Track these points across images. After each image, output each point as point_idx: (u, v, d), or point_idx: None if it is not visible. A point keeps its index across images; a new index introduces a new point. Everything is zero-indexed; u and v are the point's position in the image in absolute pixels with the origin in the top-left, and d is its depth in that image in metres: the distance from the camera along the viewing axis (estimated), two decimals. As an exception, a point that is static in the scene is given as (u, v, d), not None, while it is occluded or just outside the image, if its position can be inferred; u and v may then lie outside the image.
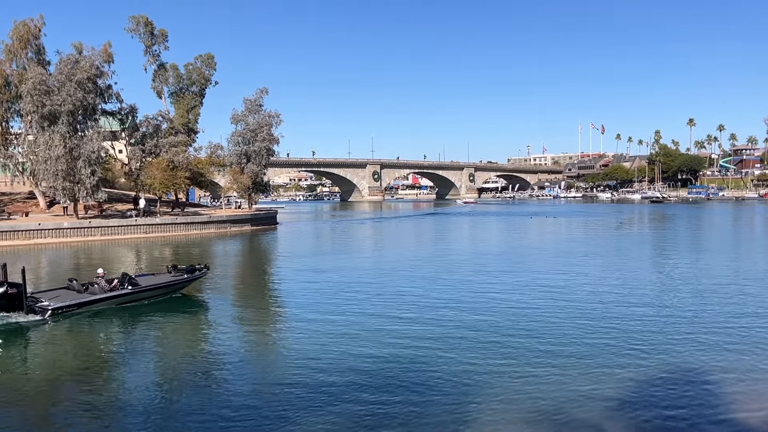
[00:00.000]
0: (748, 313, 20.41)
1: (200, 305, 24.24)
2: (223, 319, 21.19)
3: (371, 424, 11.24)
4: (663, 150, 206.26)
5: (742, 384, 13.27)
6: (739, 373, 13.93)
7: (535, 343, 16.63)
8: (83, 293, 21.82)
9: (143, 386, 13.66)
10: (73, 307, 20.95)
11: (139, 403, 12.49)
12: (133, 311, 21.85)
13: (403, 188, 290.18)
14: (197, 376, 14.39)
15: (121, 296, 22.41)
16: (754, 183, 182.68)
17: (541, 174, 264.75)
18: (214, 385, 13.72)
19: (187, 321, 21.57)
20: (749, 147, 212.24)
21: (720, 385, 13.14)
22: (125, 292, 22.55)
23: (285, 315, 22.26)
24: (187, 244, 51.36)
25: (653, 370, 14.14)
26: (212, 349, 17.24)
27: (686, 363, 14.80)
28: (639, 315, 20.26)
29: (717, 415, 11.52)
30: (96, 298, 21.73)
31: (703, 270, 31.43)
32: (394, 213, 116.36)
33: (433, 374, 13.96)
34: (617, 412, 11.68)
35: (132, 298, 22.75)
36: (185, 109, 77.90)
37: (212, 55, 79.65)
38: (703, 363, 14.76)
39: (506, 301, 23.27)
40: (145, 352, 17.19)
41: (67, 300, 21.16)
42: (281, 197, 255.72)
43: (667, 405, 12.00)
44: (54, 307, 20.44)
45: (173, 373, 14.88)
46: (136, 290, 22.92)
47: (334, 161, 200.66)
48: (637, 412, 11.68)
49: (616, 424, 11.19)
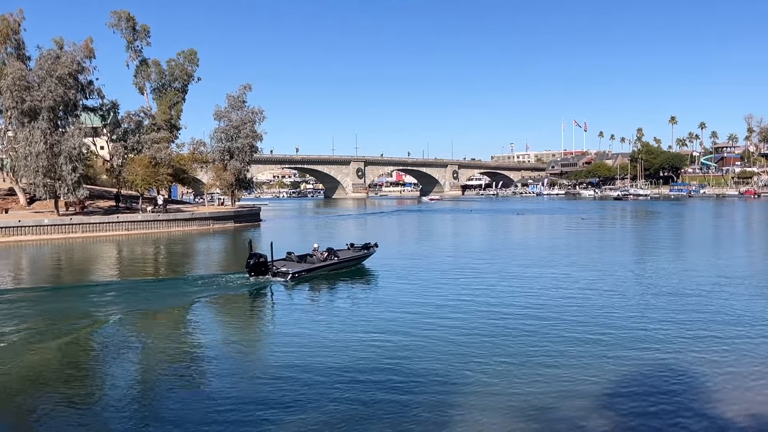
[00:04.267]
0: (727, 310, 20.67)
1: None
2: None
3: (356, 425, 11.27)
4: (645, 147, 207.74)
5: (723, 379, 13.43)
6: (719, 369, 14.12)
7: (517, 341, 16.74)
8: (303, 263, 28.63)
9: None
10: (303, 272, 27.51)
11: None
12: (337, 275, 28.60)
13: (387, 185, 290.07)
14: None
15: (332, 265, 29.25)
16: (735, 180, 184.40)
17: (524, 171, 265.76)
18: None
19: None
20: (730, 145, 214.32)
21: (701, 381, 13.30)
22: (333, 262, 29.49)
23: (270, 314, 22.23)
24: (169, 242, 51.04)
25: (635, 367, 14.28)
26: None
27: (667, 359, 14.96)
28: (620, 312, 20.45)
29: (699, 411, 11.66)
30: (317, 266, 28.64)
31: (683, 267, 31.75)
32: (377, 210, 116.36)
33: (417, 373, 14.01)
34: (601, 409, 11.78)
35: (336, 267, 29.47)
36: (167, 105, 77.44)
37: (195, 51, 79.30)
38: (684, 359, 14.92)
39: (487, 299, 23.38)
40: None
41: (299, 267, 27.81)
42: (265, 194, 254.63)
43: (649, 401, 12.13)
44: (294, 272, 27.02)
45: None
46: (340, 261, 29.87)
47: (317, 158, 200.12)
48: (620, 409, 11.81)
49: (600, 421, 11.27)
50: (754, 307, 20.79)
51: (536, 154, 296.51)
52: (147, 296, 24.53)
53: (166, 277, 31.45)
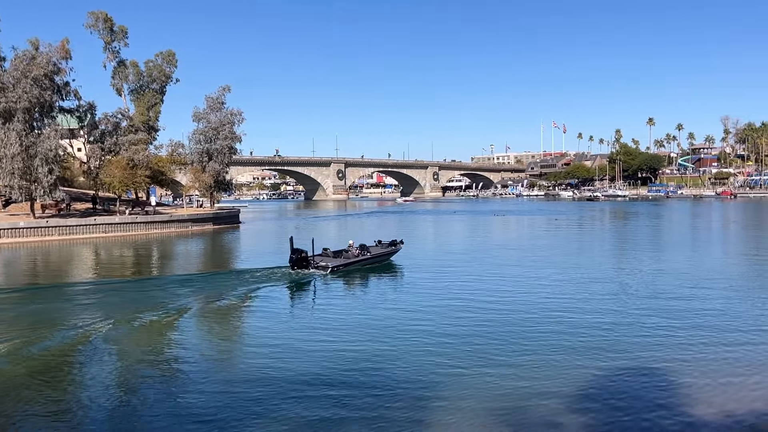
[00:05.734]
0: (702, 310, 20.87)
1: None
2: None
3: (331, 426, 11.26)
4: (623, 149, 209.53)
5: (699, 378, 13.53)
6: (694, 369, 14.21)
7: (494, 342, 16.76)
8: (340, 258, 30.41)
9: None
10: (341, 266, 29.25)
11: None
12: (371, 269, 30.56)
13: (368, 187, 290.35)
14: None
15: (366, 260, 31.11)
16: (712, 181, 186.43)
17: (504, 173, 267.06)
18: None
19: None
20: (707, 146, 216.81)
21: (676, 381, 13.39)
22: (367, 257, 31.33)
23: (252, 314, 22.12)
24: (147, 244, 50.67)
25: (611, 367, 14.36)
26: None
27: (643, 359, 15.07)
28: (595, 312, 20.57)
29: (673, 411, 11.72)
30: (353, 261, 30.33)
31: (658, 267, 31.98)
32: (358, 211, 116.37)
33: (394, 374, 13.97)
34: (576, 410, 11.81)
35: (369, 262, 31.25)
36: (145, 106, 76.93)
37: (173, 53, 78.87)
38: (660, 359, 15.04)
39: (465, 298, 23.44)
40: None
41: (337, 261, 29.66)
42: (244, 196, 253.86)
43: (624, 402, 12.18)
44: (333, 266, 28.84)
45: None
46: (373, 256, 31.79)
47: (298, 160, 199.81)
48: (595, 409, 11.85)
49: (575, 422, 11.31)
50: (729, 308, 20.97)
51: (516, 156, 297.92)
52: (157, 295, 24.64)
53: (211, 271, 31.83)
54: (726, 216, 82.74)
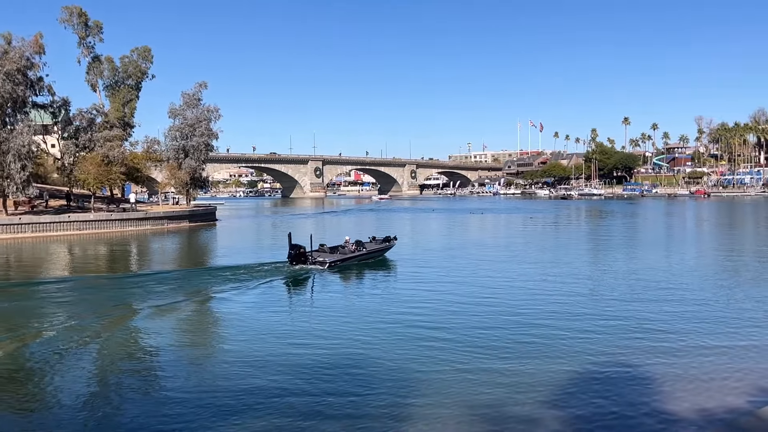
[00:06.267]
0: (678, 308, 21.13)
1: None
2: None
3: (308, 423, 11.23)
4: (599, 148, 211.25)
5: (675, 376, 13.64)
6: (671, 366, 14.33)
7: (471, 341, 16.80)
8: (336, 253, 30.90)
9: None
10: (338, 261, 29.94)
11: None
12: (364, 265, 31.43)
13: (346, 184, 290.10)
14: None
15: (361, 255, 31.86)
16: (686, 180, 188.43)
17: (481, 171, 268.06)
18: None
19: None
20: (681, 145, 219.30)
21: (654, 378, 13.51)
22: (363, 253, 32.07)
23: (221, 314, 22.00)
24: (122, 242, 50.15)
25: (588, 366, 14.46)
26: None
27: (620, 358, 15.20)
28: (573, 310, 20.72)
29: (648, 407, 11.82)
30: (350, 256, 31.06)
31: (632, 265, 32.31)
32: (336, 209, 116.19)
33: (371, 373, 13.93)
34: (552, 408, 11.88)
35: (365, 258, 32.08)
36: (121, 102, 76.18)
37: (149, 48, 78.17)
38: (636, 357, 15.18)
39: (442, 297, 23.49)
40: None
41: (334, 257, 30.19)
42: (221, 193, 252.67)
43: (602, 399, 12.26)
44: (331, 261, 29.43)
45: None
46: (368, 251, 32.58)
47: (275, 157, 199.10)
48: (573, 407, 11.89)
49: (552, 419, 11.37)
50: (703, 306, 21.22)
51: (493, 154, 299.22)
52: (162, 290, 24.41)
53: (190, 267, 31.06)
54: (699, 215, 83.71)
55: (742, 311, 20.01)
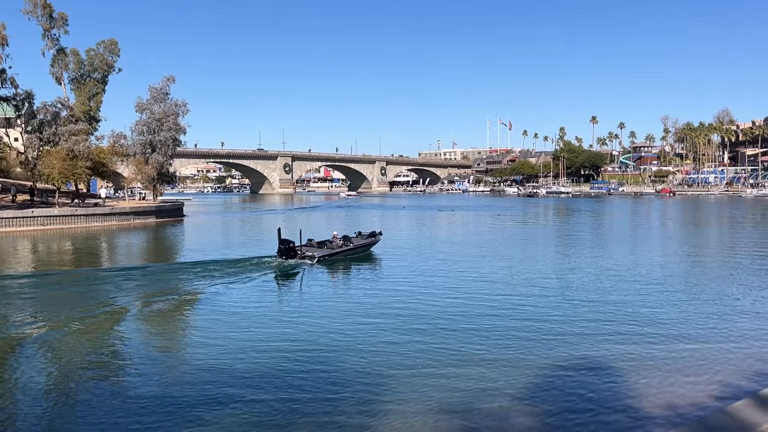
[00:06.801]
0: (642, 305, 21.39)
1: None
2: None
3: (279, 421, 11.16)
4: (567, 146, 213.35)
5: (644, 372, 13.77)
6: (639, 363, 14.48)
7: (445, 337, 16.83)
8: (324, 248, 31.69)
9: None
10: (326, 256, 30.63)
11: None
12: (353, 259, 31.99)
13: (315, 181, 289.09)
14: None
15: (349, 250, 32.33)
16: (652, 179, 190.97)
17: (450, 168, 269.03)
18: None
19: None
20: (647, 144, 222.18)
21: (622, 375, 13.63)
22: (350, 248, 32.53)
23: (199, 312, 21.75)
24: (87, 237, 49.35)
25: (558, 363, 14.54)
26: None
27: (589, 353, 15.32)
28: (541, 307, 20.86)
29: (618, 405, 11.92)
30: (337, 251, 31.59)
31: (600, 263, 32.62)
32: (305, 205, 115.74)
33: (342, 372, 13.83)
34: (522, 405, 11.91)
35: (352, 252, 32.53)
36: (86, 96, 74.98)
37: (116, 41, 77.01)
38: (606, 353, 15.31)
39: (414, 295, 23.49)
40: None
41: (322, 252, 30.93)
42: (188, 189, 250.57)
43: (573, 395, 12.37)
44: (319, 255, 30.10)
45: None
46: (355, 246, 33.10)
47: (244, 153, 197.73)
48: (543, 404, 11.96)
49: (521, 416, 11.41)
50: (669, 303, 21.53)
51: (462, 152, 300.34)
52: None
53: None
54: (665, 213, 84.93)
55: (710, 309, 20.29)
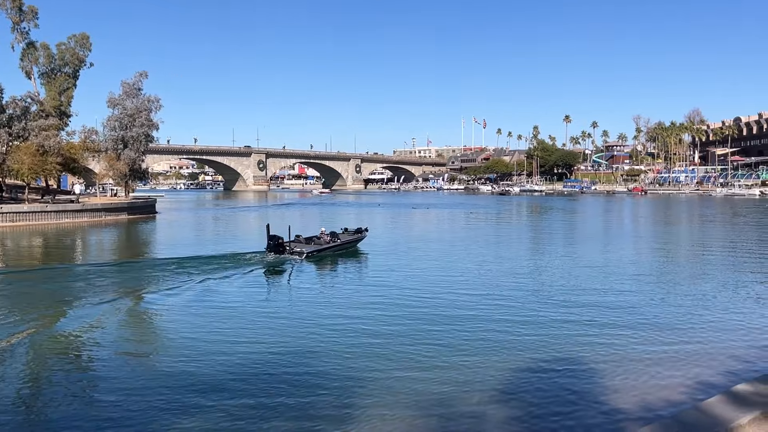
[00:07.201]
0: (617, 303, 21.63)
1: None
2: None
3: (256, 421, 11.13)
4: (541, 145, 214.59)
5: (616, 370, 13.91)
6: (612, 359, 14.65)
7: (419, 336, 16.87)
8: (311, 244, 32.28)
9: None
10: (314, 252, 31.24)
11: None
12: (340, 255, 32.99)
13: (289, 178, 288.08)
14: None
15: (336, 246, 33.32)
16: (624, 178, 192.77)
17: (425, 166, 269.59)
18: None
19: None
20: (619, 144, 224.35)
21: (595, 372, 13.78)
22: (338, 243, 33.56)
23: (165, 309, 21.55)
24: (57, 234, 48.69)
25: (529, 360, 14.67)
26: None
27: (562, 351, 15.45)
28: (514, 306, 20.98)
29: (591, 400, 12.07)
30: (326, 247, 32.48)
31: (572, 261, 32.94)
32: (279, 202, 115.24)
33: (316, 371, 13.80)
34: (498, 402, 12.00)
35: (339, 248, 33.47)
36: (57, 91, 74.00)
37: (87, 36, 76.11)
38: (578, 351, 15.46)
39: (386, 294, 23.53)
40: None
41: (310, 247, 31.42)
42: (161, 185, 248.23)
43: (546, 392, 12.46)
44: (308, 251, 30.63)
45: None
46: (342, 242, 34.06)
47: (217, 149, 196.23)
48: (517, 400, 12.08)
49: (496, 414, 11.47)
50: (641, 301, 21.79)
51: (437, 150, 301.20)
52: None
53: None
54: (637, 212, 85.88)
55: (682, 306, 20.58)
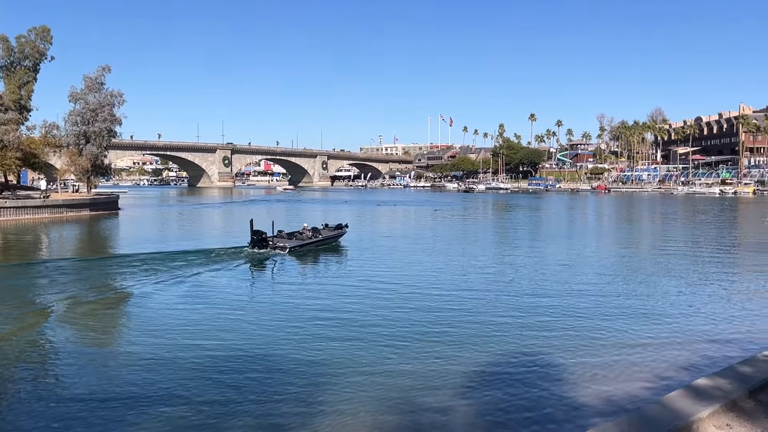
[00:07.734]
0: (578, 297, 21.91)
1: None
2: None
3: (220, 421, 11.06)
4: (506, 143, 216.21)
5: (579, 364, 14.09)
6: (575, 355, 14.82)
7: (382, 335, 16.88)
8: (293, 240, 32.99)
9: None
10: (297, 247, 31.98)
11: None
12: (323, 249, 33.67)
13: (255, 174, 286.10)
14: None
15: (319, 241, 33.96)
16: (588, 176, 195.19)
17: (392, 163, 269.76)
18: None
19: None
20: (584, 142, 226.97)
21: (558, 367, 13.93)
22: (320, 239, 34.17)
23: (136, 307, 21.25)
24: (17, 231, 47.68)
25: (495, 356, 14.77)
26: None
27: (525, 347, 15.60)
28: (481, 302, 21.14)
29: (554, 395, 12.21)
30: (307, 242, 33.07)
31: (535, 257, 33.32)
32: (244, 198, 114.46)
33: (282, 368, 13.77)
34: (462, 399, 12.06)
35: (321, 243, 34.11)
36: (16, 84, 72.50)
37: (48, 28, 74.60)
38: (541, 346, 15.63)
39: (355, 291, 23.55)
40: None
41: (293, 243, 32.21)
42: (124, 181, 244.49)
43: (510, 388, 12.53)
44: (291, 246, 31.49)
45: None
46: (324, 237, 34.72)
47: (181, 145, 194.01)
48: (481, 396, 12.16)
49: (462, 409, 11.55)
50: (605, 295, 22.13)
51: (404, 147, 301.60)
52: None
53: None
54: (600, 210, 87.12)
55: (644, 302, 20.95)
